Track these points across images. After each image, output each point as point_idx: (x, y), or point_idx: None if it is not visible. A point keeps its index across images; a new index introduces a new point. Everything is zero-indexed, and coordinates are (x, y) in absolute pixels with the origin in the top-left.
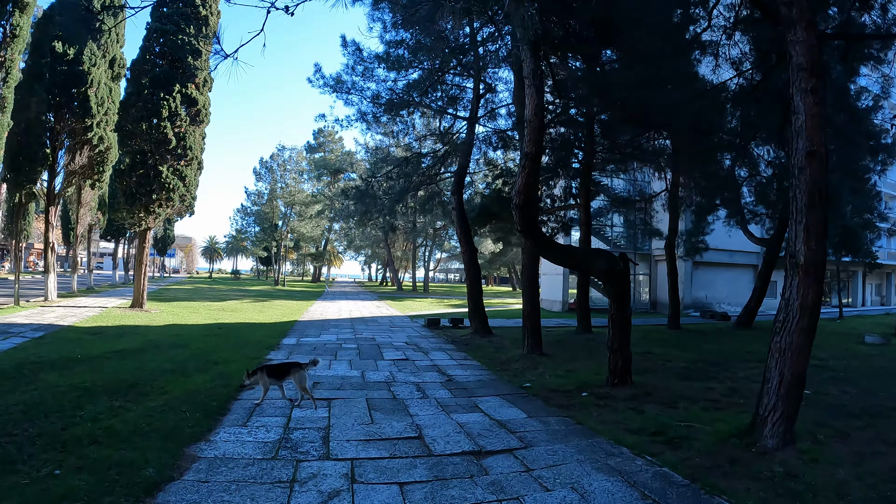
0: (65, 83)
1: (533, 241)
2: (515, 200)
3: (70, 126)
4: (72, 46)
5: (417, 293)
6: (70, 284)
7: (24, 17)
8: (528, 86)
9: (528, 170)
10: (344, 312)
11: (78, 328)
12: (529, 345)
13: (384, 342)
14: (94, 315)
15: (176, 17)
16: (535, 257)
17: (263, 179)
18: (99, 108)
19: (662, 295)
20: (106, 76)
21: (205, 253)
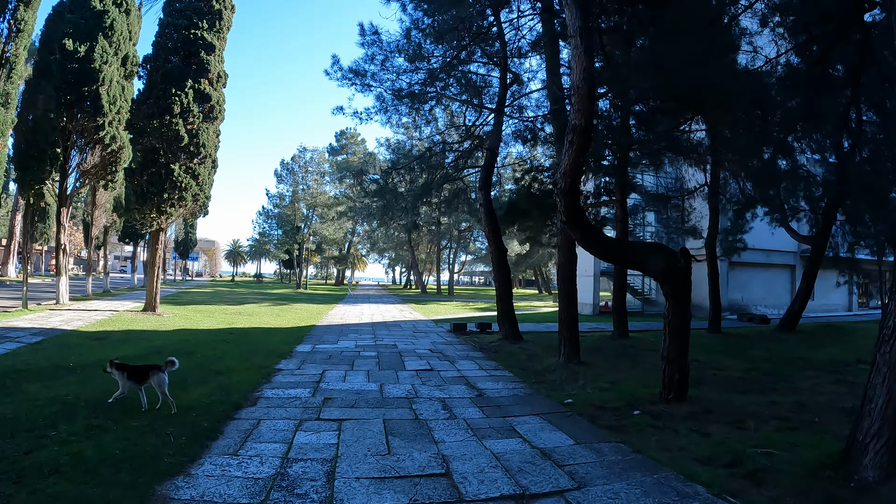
0: (76, 81)
1: (580, 233)
2: (560, 184)
3: (82, 125)
4: (83, 44)
5: (442, 296)
6: (86, 287)
7: (29, 11)
8: (574, 46)
9: (575, 146)
10: (365, 317)
11: (81, 333)
12: (566, 353)
13: (406, 350)
14: (102, 319)
15: (188, 11)
16: (573, 256)
17: (285, 181)
18: (111, 106)
19: (697, 297)
20: (118, 74)
21: (228, 256)
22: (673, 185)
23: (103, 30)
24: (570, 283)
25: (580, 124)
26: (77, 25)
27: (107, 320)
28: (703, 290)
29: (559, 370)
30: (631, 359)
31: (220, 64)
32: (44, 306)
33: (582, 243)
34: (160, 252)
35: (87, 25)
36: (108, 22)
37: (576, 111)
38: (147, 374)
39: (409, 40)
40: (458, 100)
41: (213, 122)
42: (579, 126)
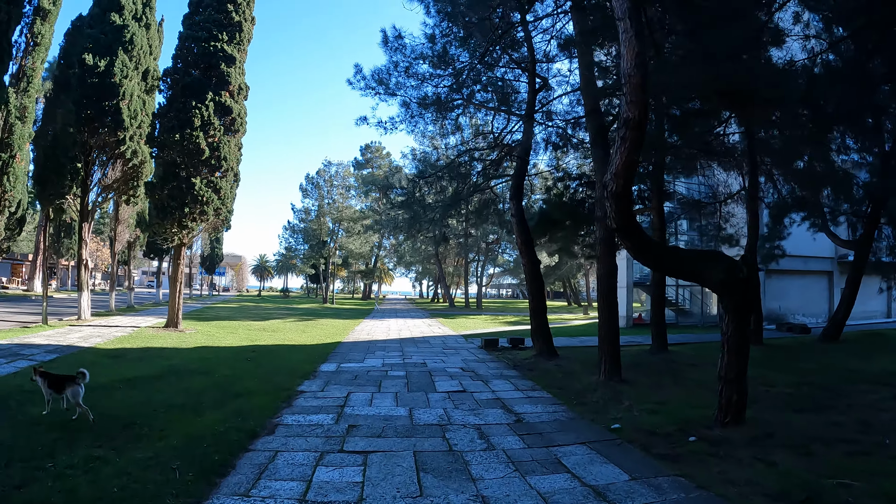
0: (96, 96)
1: (633, 240)
2: (611, 186)
3: (102, 140)
4: (102, 58)
5: (470, 310)
6: (109, 303)
7: (46, 24)
8: (623, 31)
9: (629, 143)
10: (393, 332)
11: (98, 350)
12: (607, 370)
13: (436, 368)
14: (122, 335)
15: (208, 23)
16: (613, 267)
17: (310, 196)
18: (132, 120)
19: None
20: (139, 88)
21: (255, 271)
22: (706, 192)
23: (123, 44)
24: (611, 296)
25: (633, 117)
26: (97, 40)
27: (126, 337)
28: None
29: (600, 389)
30: (674, 375)
31: (241, 76)
32: (65, 322)
33: (634, 252)
34: (182, 267)
35: (107, 40)
36: (128, 36)
37: (628, 103)
38: (64, 385)
39: (433, 46)
40: (485, 106)
41: (235, 135)
42: (632, 119)
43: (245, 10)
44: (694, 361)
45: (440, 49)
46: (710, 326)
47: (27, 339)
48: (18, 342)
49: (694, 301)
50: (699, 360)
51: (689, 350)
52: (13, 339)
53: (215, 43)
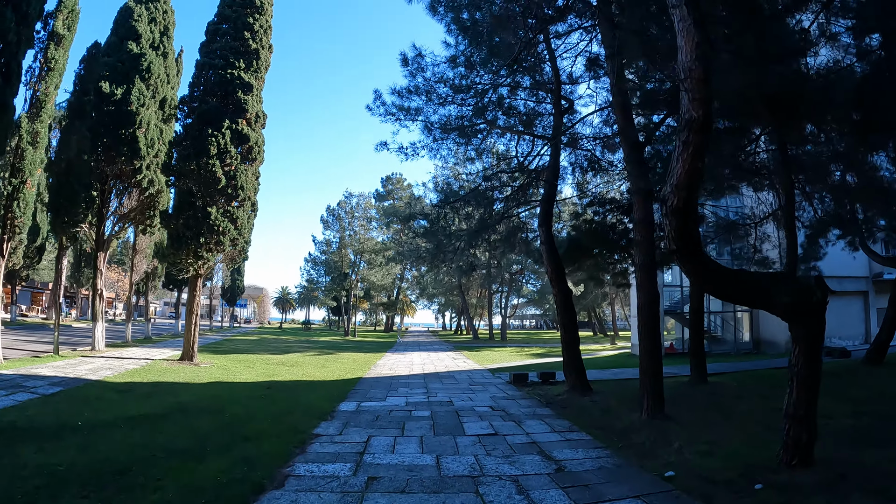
0: (112, 124)
1: (692, 264)
2: (671, 201)
3: (119, 168)
4: (119, 86)
5: (494, 342)
6: (125, 333)
7: (59, 50)
8: (680, 19)
9: (692, 148)
10: (416, 367)
11: (106, 384)
12: (650, 407)
13: (464, 407)
14: (133, 368)
15: (225, 51)
16: (655, 295)
17: (331, 227)
18: (148, 149)
19: (768, 332)
20: (156, 117)
21: (277, 303)
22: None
23: (140, 72)
24: (653, 326)
25: (697, 117)
26: (113, 68)
27: (138, 370)
28: (774, 323)
29: (645, 429)
30: (721, 410)
31: (259, 104)
32: (78, 352)
33: (694, 276)
34: (198, 298)
35: (124, 68)
36: (145, 65)
37: (691, 101)
38: None
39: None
40: (509, 130)
41: (252, 164)
42: (696, 120)
43: (262, 37)
44: (738, 393)
45: (462, 71)
46: (743, 354)
47: (34, 369)
48: (24, 373)
49: (726, 328)
50: (743, 391)
51: (730, 380)
52: (20, 369)
53: (232, 70)
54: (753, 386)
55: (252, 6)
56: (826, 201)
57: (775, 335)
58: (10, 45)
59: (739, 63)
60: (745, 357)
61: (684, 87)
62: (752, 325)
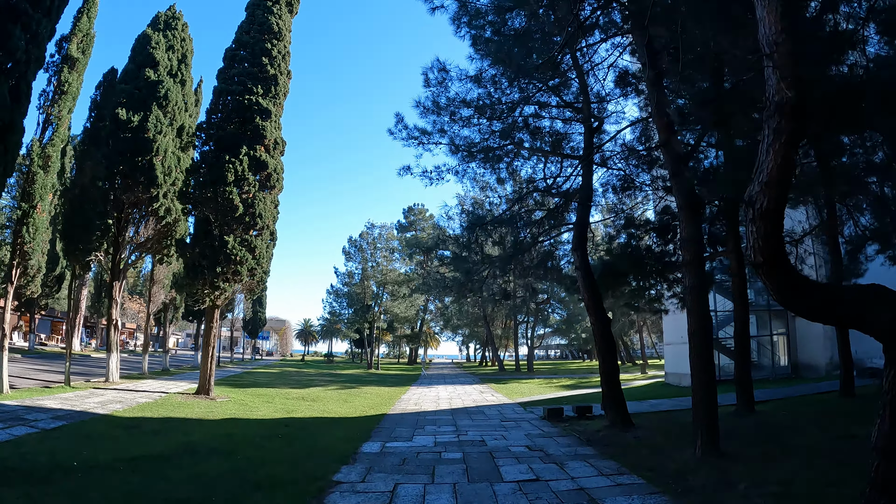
0: (129, 151)
1: (780, 278)
2: (759, 202)
3: (136, 196)
4: (136, 113)
5: (521, 373)
6: (142, 365)
7: (73, 73)
8: None
9: (786, 137)
10: (443, 401)
11: (113, 418)
12: (704, 444)
13: (498, 447)
14: (145, 402)
15: (243, 76)
16: (707, 321)
17: (353, 259)
18: (165, 177)
19: (806, 356)
20: (174, 145)
21: (299, 336)
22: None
23: (157, 99)
24: (705, 354)
25: (788, 99)
26: (130, 95)
27: (150, 404)
28: (813, 346)
29: (702, 470)
30: (778, 443)
31: (277, 130)
32: (91, 384)
33: (780, 293)
34: (215, 330)
35: (141, 95)
36: (163, 92)
37: (779, 80)
38: None
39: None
40: (538, 152)
41: (271, 192)
42: (788, 102)
43: (280, 63)
44: (791, 423)
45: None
46: (781, 379)
47: (40, 401)
48: (29, 404)
49: (762, 352)
50: (796, 421)
51: (777, 409)
52: (25, 400)
53: (250, 96)
54: (805, 414)
55: (270, 31)
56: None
57: (814, 358)
58: (20, 63)
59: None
60: (784, 382)
61: (769, 64)
62: (790, 349)
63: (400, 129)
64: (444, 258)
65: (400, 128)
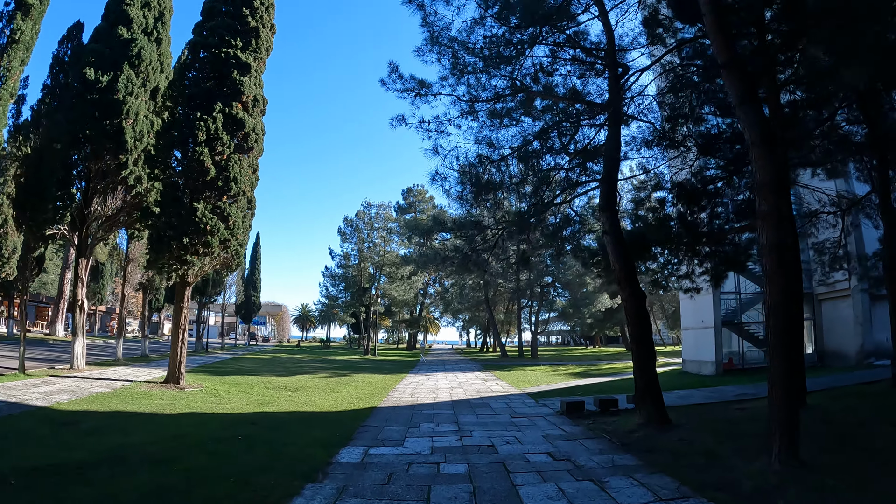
0: (96, 114)
1: None
2: None
3: (104, 163)
4: (105, 73)
5: (525, 360)
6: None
7: (27, 21)
8: None
9: None
10: (442, 391)
11: (50, 413)
12: (782, 451)
13: (512, 455)
14: (101, 392)
15: (221, 29)
16: (795, 290)
17: (349, 240)
18: (136, 143)
19: (834, 343)
20: (146, 108)
21: (297, 321)
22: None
23: (129, 59)
24: (790, 337)
25: None
26: (100, 54)
27: (105, 395)
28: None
29: (789, 489)
30: (858, 448)
31: (258, 87)
32: (52, 371)
33: None
34: (186, 311)
35: (112, 55)
36: (136, 50)
37: None
38: None
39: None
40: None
41: (248, 154)
42: None
43: (263, 15)
44: (855, 420)
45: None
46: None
47: None
48: None
49: None
50: (858, 417)
51: (826, 402)
52: None
53: (228, 49)
54: (862, 409)
55: None
56: None
57: (843, 346)
58: None
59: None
60: (812, 371)
61: None
62: (816, 336)
63: (394, 78)
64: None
65: (394, 77)
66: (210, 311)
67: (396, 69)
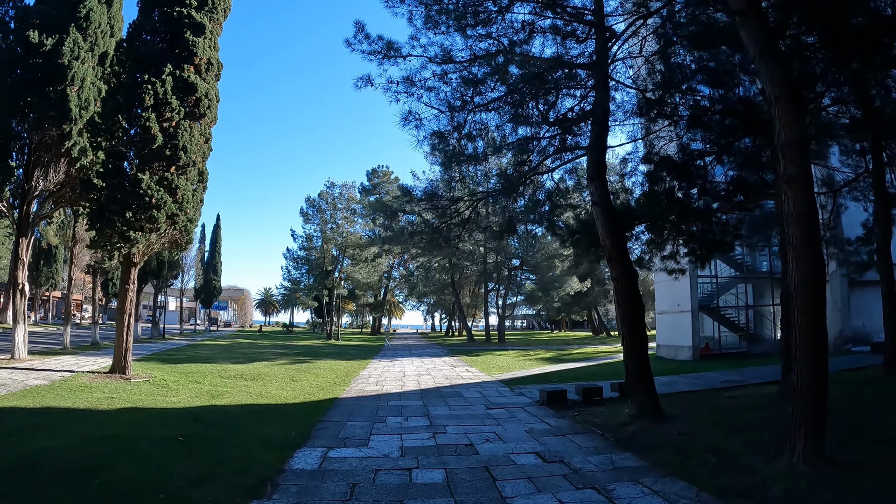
0: (39, 80)
1: None
2: None
3: (47, 134)
4: (50, 36)
5: (493, 344)
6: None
7: None
8: None
9: None
10: (410, 379)
11: None
12: (808, 448)
13: (496, 456)
14: (36, 385)
15: None
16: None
17: (312, 220)
18: (82, 111)
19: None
20: (93, 74)
21: (259, 305)
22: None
23: (77, 20)
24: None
25: None
26: (46, 16)
27: (39, 388)
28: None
29: (825, 492)
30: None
31: (213, 50)
32: None
33: None
34: (131, 294)
35: (59, 16)
36: (84, 12)
37: None
38: None
39: None
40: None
41: (200, 122)
42: None
43: None
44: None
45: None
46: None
47: None
48: None
49: (763, 323)
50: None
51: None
52: None
53: (181, 8)
54: (862, 397)
55: None
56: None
57: None
58: None
59: None
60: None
61: None
62: None
63: (360, 39)
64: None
65: (360, 38)
66: (169, 296)
67: (363, 28)
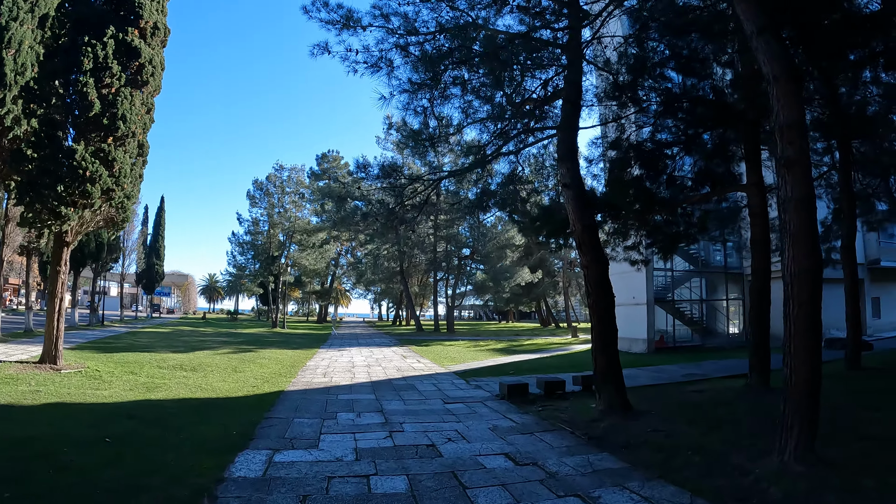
0: None
1: None
2: None
3: None
4: None
5: (442, 334)
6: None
7: None
8: None
9: None
10: (359, 370)
11: None
12: (800, 446)
13: (461, 459)
14: None
15: None
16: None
17: (259, 204)
18: (17, 77)
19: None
20: (32, 37)
21: (204, 292)
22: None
23: None
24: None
25: None
26: None
27: None
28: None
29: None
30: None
31: (160, 14)
32: None
33: None
34: (63, 276)
35: None
36: None
37: None
38: None
39: None
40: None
41: (143, 90)
42: None
43: None
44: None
45: None
46: (738, 348)
47: None
48: None
49: (717, 318)
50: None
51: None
52: None
53: None
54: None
55: None
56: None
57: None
58: None
59: None
60: (743, 351)
61: None
62: (746, 316)
63: (318, 6)
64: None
65: (318, 5)
66: (109, 281)
67: None
